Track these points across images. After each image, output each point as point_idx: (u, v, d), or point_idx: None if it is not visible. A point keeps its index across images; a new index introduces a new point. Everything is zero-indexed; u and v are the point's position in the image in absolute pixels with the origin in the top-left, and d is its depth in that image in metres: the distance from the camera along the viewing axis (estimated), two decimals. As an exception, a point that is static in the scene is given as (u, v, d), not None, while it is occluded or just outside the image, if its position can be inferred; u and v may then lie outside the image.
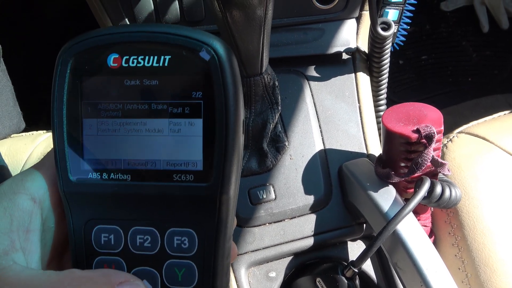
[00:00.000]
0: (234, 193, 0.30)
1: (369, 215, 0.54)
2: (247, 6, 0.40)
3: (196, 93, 0.29)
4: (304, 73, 0.65)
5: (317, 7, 0.62)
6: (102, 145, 0.30)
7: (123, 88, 0.30)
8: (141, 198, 0.31)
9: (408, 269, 0.47)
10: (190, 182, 0.30)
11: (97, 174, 0.31)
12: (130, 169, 0.30)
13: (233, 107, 0.29)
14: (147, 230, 0.31)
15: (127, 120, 0.30)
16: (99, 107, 0.30)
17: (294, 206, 0.58)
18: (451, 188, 0.51)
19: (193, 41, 0.29)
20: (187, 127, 0.29)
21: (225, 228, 0.31)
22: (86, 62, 0.30)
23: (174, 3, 0.60)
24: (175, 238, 0.31)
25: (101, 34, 0.30)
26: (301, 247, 0.58)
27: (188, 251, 0.31)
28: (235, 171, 0.30)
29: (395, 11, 0.64)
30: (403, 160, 0.50)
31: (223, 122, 0.29)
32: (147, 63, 0.29)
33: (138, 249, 0.31)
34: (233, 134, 0.29)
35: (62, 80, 0.30)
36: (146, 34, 0.29)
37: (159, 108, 0.30)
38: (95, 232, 0.31)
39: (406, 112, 0.50)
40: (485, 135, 0.64)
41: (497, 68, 1.51)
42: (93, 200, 0.31)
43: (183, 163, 0.30)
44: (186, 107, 0.29)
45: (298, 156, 0.60)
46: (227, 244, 0.31)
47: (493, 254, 0.56)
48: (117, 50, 0.29)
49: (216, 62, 0.28)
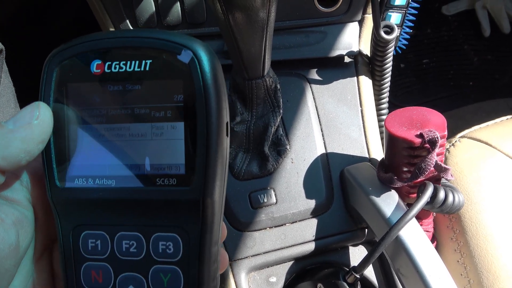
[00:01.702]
0: (219, 196, 0.30)
1: (371, 220, 0.53)
2: (249, 9, 0.40)
3: (177, 97, 0.29)
4: (306, 76, 0.65)
5: (320, 10, 0.62)
6: (87, 151, 0.31)
7: (106, 94, 0.30)
8: (126, 203, 0.31)
9: (411, 276, 0.47)
10: (173, 186, 0.30)
11: (82, 180, 0.31)
12: (115, 174, 0.30)
13: (215, 110, 0.29)
14: (133, 236, 0.31)
15: (111, 126, 0.30)
16: (84, 113, 0.30)
17: (295, 210, 0.58)
18: (454, 193, 0.50)
19: (173, 44, 0.29)
20: (169, 131, 0.29)
21: (211, 233, 0.30)
22: (71, 69, 0.30)
23: (176, 5, 0.60)
24: (160, 243, 0.31)
25: (85, 41, 0.30)
26: (302, 252, 0.58)
27: (173, 256, 0.31)
28: (219, 174, 0.29)
29: (398, 14, 0.63)
30: (406, 165, 0.50)
31: (204, 125, 0.29)
32: (129, 68, 0.29)
33: (124, 254, 0.31)
34: (215, 136, 0.29)
35: (48, 87, 0.30)
36: (127, 40, 0.30)
37: (142, 112, 0.30)
38: (82, 238, 0.31)
39: (409, 116, 0.50)
40: (487, 140, 0.63)
41: (498, 72, 1.51)
42: (80, 206, 0.31)
43: (166, 167, 0.30)
44: (168, 111, 0.29)
45: (300, 160, 0.59)
46: (213, 249, 0.31)
47: (495, 260, 0.55)
48: (99, 57, 0.30)
49: (196, 65, 0.29)
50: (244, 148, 0.58)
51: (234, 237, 0.57)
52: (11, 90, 0.84)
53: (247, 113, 0.56)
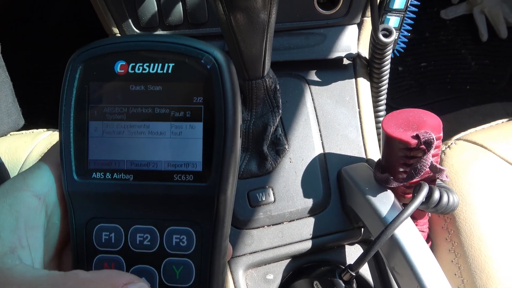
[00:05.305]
0: (231, 193, 0.32)
1: (367, 219, 0.54)
2: (251, 10, 0.41)
3: (197, 98, 0.31)
4: (305, 77, 0.65)
5: (319, 12, 0.62)
6: (107, 146, 0.32)
7: (128, 93, 0.31)
8: (143, 197, 0.32)
9: (405, 274, 0.48)
10: (190, 182, 0.31)
11: (100, 174, 0.32)
12: (133, 169, 0.31)
13: (232, 112, 0.30)
14: (147, 229, 0.32)
15: (131, 123, 0.31)
16: (105, 110, 0.32)
17: (293, 209, 0.58)
18: (449, 194, 0.51)
19: (196, 50, 0.31)
20: (188, 130, 0.31)
21: (222, 227, 0.32)
22: (94, 68, 0.32)
23: (178, 5, 0.61)
24: (174, 236, 0.32)
25: (109, 43, 0.32)
26: (299, 250, 0.58)
27: (186, 249, 0.32)
28: (232, 172, 0.31)
29: (397, 18, 0.64)
30: (402, 165, 0.51)
31: (222, 126, 0.30)
32: (152, 70, 0.31)
33: (137, 247, 0.32)
34: (231, 137, 0.30)
35: (71, 84, 0.32)
36: (151, 43, 0.31)
37: (162, 112, 0.31)
38: (96, 231, 0.32)
39: (406, 118, 0.51)
40: (483, 142, 0.64)
41: (495, 77, 1.52)
42: (96, 200, 0.32)
43: (184, 164, 0.31)
44: (187, 111, 0.31)
45: (298, 160, 0.60)
46: (223, 243, 0.32)
47: (489, 260, 0.56)
48: (124, 58, 0.31)
49: (217, 70, 0.30)
50: (243, 147, 0.58)
51: (232, 235, 0.58)
52: (9, 85, 0.85)
53: (246, 113, 0.56)
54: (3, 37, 0.89)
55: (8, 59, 0.86)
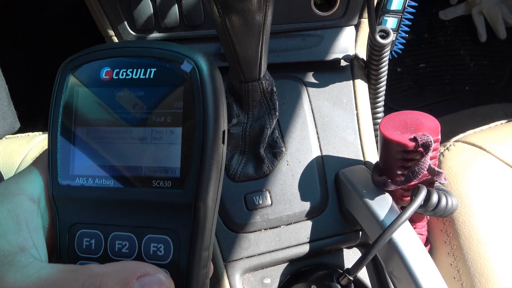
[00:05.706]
0: (212, 202, 0.31)
1: (365, 222, 0.53)
2: (246, 12, 0.40)
3: (178, 103, 0.31)
4: (302, 79, 0.65)
5: (316, 14, 0.62)
6: (90, 152, 0.32)
7: (112, 99, 0.32)
8: (122, 203, 0.31)
9: (404, 278, 0.47)
10: (168, 188, 0.31)
11: (83, 179, 0.32)
12: (114, 175, 0.31)
13: (212, 117, 0.30)
14: (126, 236, 0.32)
15: (114, 129, 0.32)
16: (90, 116, 0.32)
17: (290, 212, 0.58)
18: (448, 197, 0.51)
19: (176, 54, 0.31)
20: (168, 135, 0.31)
21: (202, 237, 0.31)
22: (82, 75, 0.33)
23: (174, 7, 0.60)
24: (152, 245, 0.31)
25: (96, 50, 0.33)
26: (297, 253, 0.58)
27: (164, 259, 0.31)
28: (213, 179, 0.30)
29: (394, 19, 0.64)
30: (400, 168, 0.50)
31: (200, 131, 0.30)
32: (135, 75, 0.31)
33: (116, 254, 0.32)
34: (211, 143, 0.30)
35: (60, 91, 0.33)
36: (135, 49, 0.32)
37: (144, 117, 0.31)
38: (78, 237, 0.32)
39: (404, 120, 0.50)
40: (481, 144, 0.64)
41: (494, 78, 1.52)
42: (78, 204, 0.32)
43: (162, 170, 0.31)
44: (168, 116, 0.31)
45: (295, 162, 0.60)
46: (203, 254, 0.32)
47: (488, 263, 0.56)
48: (109, 64, 0.32)
49: (197, 74, 0.30)
50: (240, 150, 0.58)
51: (229, 239, 0.57)
52: (4, 88, 0.84)
53: (243, 115, 0.56)
54: (3, 37, 0.88)
55: (8, 60, 0.86)
